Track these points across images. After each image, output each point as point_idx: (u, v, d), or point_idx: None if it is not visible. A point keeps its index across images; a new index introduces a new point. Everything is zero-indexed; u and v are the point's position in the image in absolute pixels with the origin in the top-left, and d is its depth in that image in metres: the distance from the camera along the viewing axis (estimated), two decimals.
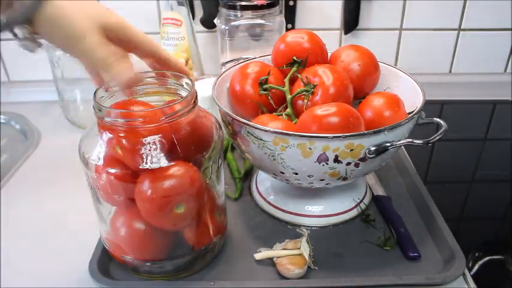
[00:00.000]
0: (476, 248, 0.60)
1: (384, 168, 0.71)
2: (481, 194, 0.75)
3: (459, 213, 0.69)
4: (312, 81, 0.57)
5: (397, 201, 0.65)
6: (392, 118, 0.55)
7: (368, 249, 0.57)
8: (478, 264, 0.57)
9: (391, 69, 0.66)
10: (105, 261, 0.55)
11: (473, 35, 1.01)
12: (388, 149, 0.51)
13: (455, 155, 0.84)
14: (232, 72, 0.65)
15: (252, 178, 0.71)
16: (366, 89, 0.63)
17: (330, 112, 0.51)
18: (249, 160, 0.59)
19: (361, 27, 1.00)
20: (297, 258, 0.53)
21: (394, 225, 0.60)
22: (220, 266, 0.55)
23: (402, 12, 0.98)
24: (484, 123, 0.95)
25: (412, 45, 1.02)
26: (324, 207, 0.62)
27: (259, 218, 0.64)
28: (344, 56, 0.63)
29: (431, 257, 0.56)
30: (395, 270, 0.54)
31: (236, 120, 0.53)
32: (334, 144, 0.50)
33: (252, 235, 0.60)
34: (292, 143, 0.50)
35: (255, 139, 0.52)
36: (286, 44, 0.62)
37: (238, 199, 0.67)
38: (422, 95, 0.57)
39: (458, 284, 0.52)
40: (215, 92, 0.60)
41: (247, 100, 0.61)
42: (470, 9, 0.97)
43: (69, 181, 0.73)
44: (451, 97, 1.01)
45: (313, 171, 0.53)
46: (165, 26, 0.89)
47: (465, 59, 1.04)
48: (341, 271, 0.54)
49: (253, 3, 0.85)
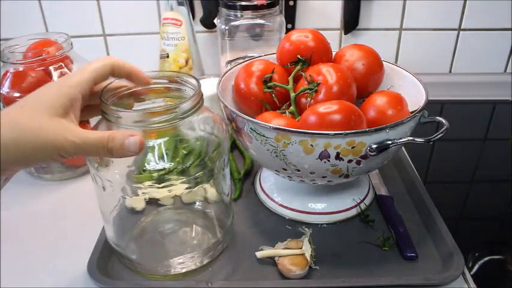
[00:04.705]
0: (476, 248, 0.60)
1: (384, 168, 0.71)
2: (481, 194, 0.74)
3: (459, 213, 0.69)
4: (315, 79, 0.57)
5: (396, 201, 0.65)
6: (395, 117, 0.55)
7: (367, 249, 0.57)
8: (478, 264, 0.57)
9: (395, 68, 0.66)
10: (104, 261, 0.55)
11: (473, 35, 1.01)
12: (389, 147, 0.51)
13: (455, 155, 0.84)
14: (237, 70, 0.65)
15: (256, 176, 0.71)
16: (370, 87, 0.63)
17: (332, 109, 0.51)
18: (253, 156, 0.59)
19: (361, 27, 1.00)
20: (299, 258, 0.53)
21: (395, 225, 0.60)
22: (221, 265, 0.55)
23: (402, 12, 0.99)
24: (484, 123, 0.95)
25: (412, 45, 1.03)
26: (327, 205, 0.62)
27: (261, 216, 0.64)
28: (348, 55, 0.63)
29: (431, 258, 0.56)
30: (394, 271, 0.54)
31: (239, 116, 0.53)
32: (336, 141, 0.50)
33: (254, 233, 0.60)
34: (294, 140, 0.50)
35: (257, 136, 0.53)
36: (291, 42, 0.62)
37: (237, 199, 0.67)
38: (425, 94, 0.57)
39: (458, 283, 0.52)
40: (219, 89, 0.60)
41: (252, 98, 0.61)
42: (470, 9, 0.98)
43: (69, 181, 0.73)
44: (451, 97, 1.01)
45: (315, 168, 0.53)
46: (165, 26, 0.89)
47: (465, 59, 1.04)
48: (340, 271, 0.54)
49: (253, 3, 0.85)
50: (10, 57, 0.66)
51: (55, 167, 0.73)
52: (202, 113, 0.50)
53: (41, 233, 0.62)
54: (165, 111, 0.45)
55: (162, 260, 0.53)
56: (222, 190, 0.55)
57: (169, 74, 0.52)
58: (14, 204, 0.68)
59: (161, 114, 0.45)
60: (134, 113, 0.46)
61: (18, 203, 0.68)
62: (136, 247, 0.56)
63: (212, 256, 0.55)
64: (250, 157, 0.73)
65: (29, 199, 0.69)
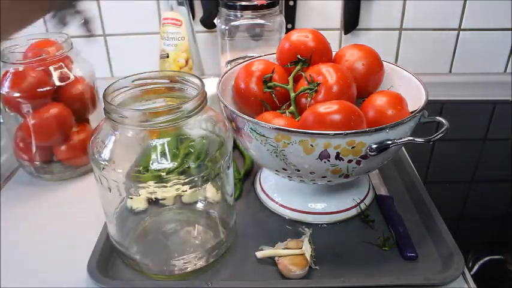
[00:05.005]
0: (476, 248, 0.60)
1: (384, 168, 0.71)
2: (481, 194, 0.74)
3: (459, 213, 0.69)
4: (315, 79, 0.57)
5: (396, 201, 0.65)
6: (395, 117, 0.55)
7: (367, 249, 0.57)
8: (478, 264, 0.57)
9: (395, 68, 0.66)
10: (104, 261, 0.55)
11: (473, 35, 1.01)
12: (389, 147, 0.51)
13: (455, 155, 0.84)
14: (237, 70, 0.65)
15: (256, 176, 0.71)
16: (370, 87, 0.63)
17: (332, 109, 0.52)
18: (253, 156, 0.59)
19: (361, 27, 1.00)
20: (299, 258, 0.53)
21: (395, 225, 0.60)
22: (221, 265, 0.55)
23: (402, 12, 0.99)
24: (484, 123, 0.95)
25: (412, 45, 1.03)
26: (327, 205, 0.62)
27: (261, 216, 0.64)
28: (348, 55, 0.63)
29: (431, 258, 0.56)
30: (394, 271, 0.54)
31: (239, 116, 0.53)
32: (336, 141, 0.50)
33: (254, 233, 0.60)
34: (294, 140, 0.50)
35: (257, 135, 0.53)
36: (291, 42, 0.62)
37: (237, 199, 0.67)
38: (425, 94, 0.57)
39: (458, 283, 0.52)
40: (219, 89, 0.60)
41: (252, 98, 0.61)
42: (470, 9, 0.98)
43: (69, 181, 0.73)
44: (451, 97, 1.01)
45: (315, 168, 0.53)
46: (165, 26, 0.89)
47: (465, 59, 1.04)
48: (340, 271, 0.54)
49: (253, 3, 0.85)
50: (10, 57, 0.66)
51: (55, 167, 0.73)
52: (206, 112, 0.51)
53: (41, 233, 0.62)
54: (169, 110, 0.45)
55: (166, 260, 0.53)
56: (226, 190, 0.55)
57: (170, 73, 0.52)
58: (14, 204, 0.68)
59: (166, 114, 0.45)
60: (139, 112, 0.46)
61: (18, 203, 0.68)
62: (140, 247, 0.56)
63: (217, 255, 0.55)
64: (250, 157, 0.73)
65: (29, 199, 0.69)
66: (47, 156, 0.72)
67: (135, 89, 0.51)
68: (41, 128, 0.68)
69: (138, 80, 0.51)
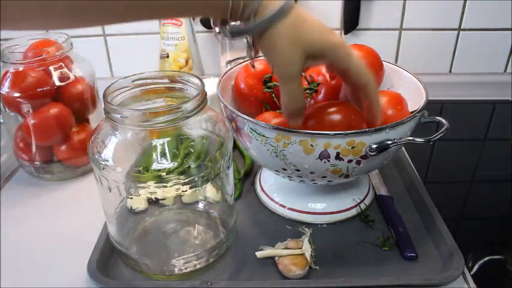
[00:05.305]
0: (476, 248, 0.60)
1: (384, 168, 0.71)
2: (481, 194, 0.74)
3: (459, 213, 0.69)
4: (315, 79, 0.57)
5: (396, 201, 0.65)
6: (395, 116, 0.55)
7: (367, 249, 0.57)
8: (478, 264, 0.57)
9: (395, 68, 0.66)
10: (104, 261, 0.55)
11: (473, 35, 1.01)
12: (389, 147, 0.51)
13: (455, 155, 0.84)
14: (237, 70, 0.65)
15: (256, 176, 0.71)
16: None
17: (332, 109, 0.52)
18: (253, 156, 0.59)
19: (361, 27, 1.00)
20: (299, 258, 0.53)
21: (394, 225, 0.60)
22: (221, 264, 0.55)
23: (402, 12, 0.99)
24: (484, 123, 0.95)
25: (412, 45, 1.03)
26: (327, 205, 0.62)
27: (261, 216, 0.64)
28: None
29: (431, 258, 0.56)
30: (394, 271, 0.54)
31: (239, 116, 0.53)
32: (336, 141, 0.50)
33: (254, 233, 0.60)
34: (294, 140, 0.50)
35: (257, 135, 0.53)
36: None
37: (237, 199, 0.67)
38: (425, 94, 0.57)
39: (458, 283, 0.52)
40: (219, 89, 0.60)
41: (252, 98, 0.62)
42: (470, 9, 0.98)
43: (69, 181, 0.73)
44: (451, 97, 1.01)
45: (315, 168, 0.53)
46: (165, 26, 0.89)
47: (465, 59, 1.04)
48: (340, 271, 0.54)
49: None
50: (10, 57, 0.66)
51: (55, 167, 0.73)
52: (206, 112, 0.51)
53: (41, 233, 0.62)
54: (169, 110, 0.45)
55: (166, 260, 0.53)
56: (226, 190, 0.55)
57: (170, 73, 0.52)
58: (14, 204, 0.68)
59: (166, 114, 0.45)
60: (139, 112, 0.46)
61: (18, 203, 0.68)
62: (140, 247, 0.56)
63: (217, 255, 0.55)
64: (250, 157, 0.73)
65: (29, 199, 0.69)
66: (47, 156, 0.72)
67: (135, 89, 0.51)
68: (41, 128, 0.69)
69: (138, 80, 0.51)
